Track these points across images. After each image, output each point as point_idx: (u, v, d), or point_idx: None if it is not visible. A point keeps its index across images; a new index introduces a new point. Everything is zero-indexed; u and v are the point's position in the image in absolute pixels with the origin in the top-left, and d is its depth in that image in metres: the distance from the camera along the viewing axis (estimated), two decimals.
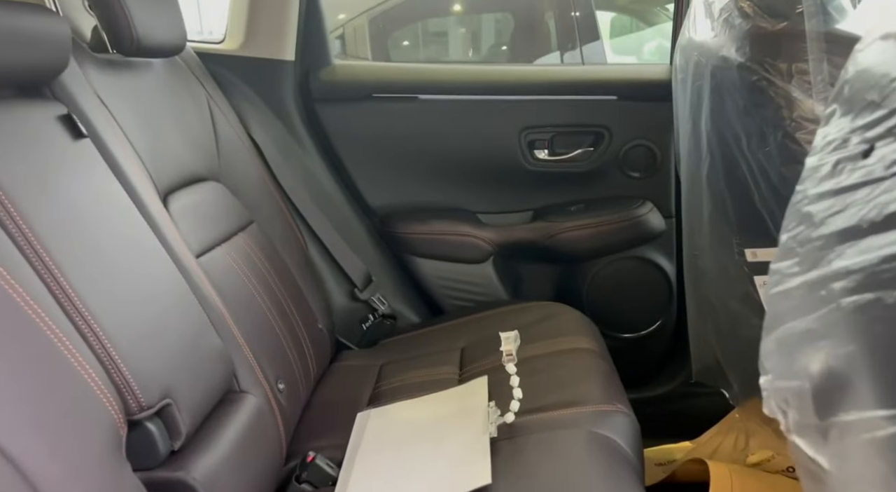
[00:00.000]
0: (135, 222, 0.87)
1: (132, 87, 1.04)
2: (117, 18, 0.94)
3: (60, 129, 0.81)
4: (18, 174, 0.71)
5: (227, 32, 1.42)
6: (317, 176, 1.47)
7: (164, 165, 1.05)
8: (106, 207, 0.83)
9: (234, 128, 1.30)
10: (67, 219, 0.75)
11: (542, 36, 3.32)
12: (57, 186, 0.76)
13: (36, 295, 0.63)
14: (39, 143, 0.78)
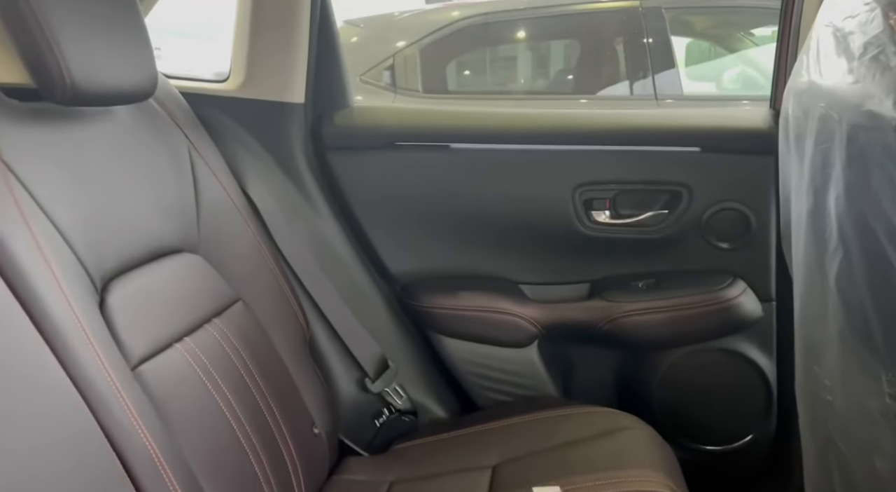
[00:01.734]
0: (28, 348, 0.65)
1: (73, 141, 0.83)
2: (43, 58, 0.74)
3: None
4: None
5: (230, 71, 1.22)
6: (325, 237, 1.23)
7: (111, 244, 0.83)
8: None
9: (222, 183, 1.08)
10: None
11: (610, 64, 3.03)
12: None
13: None
14: None
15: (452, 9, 3.01)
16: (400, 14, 3.02)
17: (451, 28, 2.89)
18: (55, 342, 0.68)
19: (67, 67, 0.75)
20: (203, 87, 1.20)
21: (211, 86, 1.21)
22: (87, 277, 0.78)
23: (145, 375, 0.79)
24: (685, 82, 2.99)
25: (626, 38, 2.88)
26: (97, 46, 0.80)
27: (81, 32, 0.77)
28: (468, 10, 2.94)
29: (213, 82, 1.24)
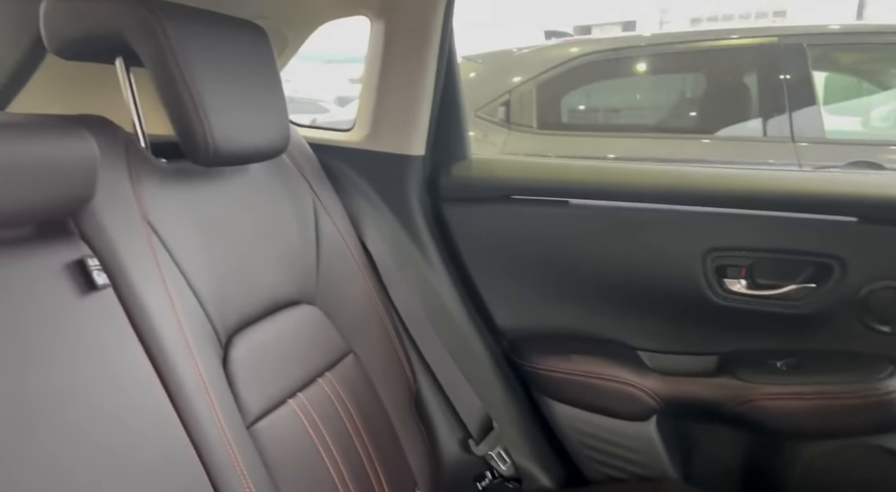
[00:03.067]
0: (151, 403, 0.67)
1: (211, 197, 0.87)
2: (190, 123, 0.77)
3: (71, 278, 0.64)
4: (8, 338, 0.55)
5: (355, 122, 1.24)
6: (435, 289, 1.21)
7: (238, 298, 0.85)
8: (111, 380, 0.64)
9: (342, 234, 1.10)
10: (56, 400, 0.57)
11: (740, 101, 2.84)
12: (49, 354, 0.58)
13: None
14: (42, 296, 0.60)
15: (572, 44, 2.96)
16: (518, 50, 3.00)
17: (570, 64, 2.84)
18: (178, 399, 0.70)
19: (211, 131, 0.78)
20: (328, 138, 1.23)
21: (336, 136, 1.24)
22: (213, 333, 0.80)
23: (259, 432, 0.80)
24: (827, 121, 2.73)
25: (761, 74, 2.69)
26: (238, 109, 0.83)
27: (225, 97, 0.80)
28: (588, 46, 2.87)
29: (338, 131, 1.27)
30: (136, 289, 0.70)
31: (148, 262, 0.73)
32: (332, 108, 6.78)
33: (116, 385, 0.64)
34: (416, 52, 1.09)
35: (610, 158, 2.83)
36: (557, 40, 3.14)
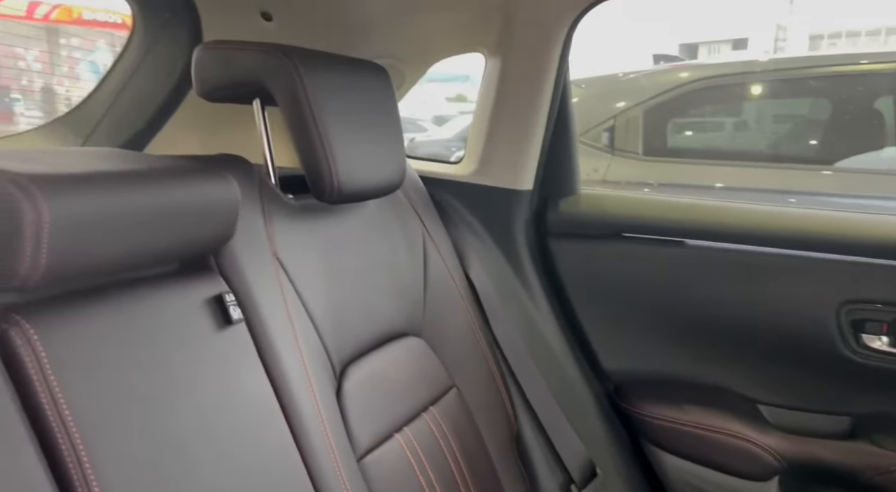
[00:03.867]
0: (274, 434, 0.69)
1: (331, 232, 0.90)
2: (318, 164, 0.81)
3: (210, 312, 0.68)
4: (157, 370, 0.59)
5: (465, 155, 1.26)
6: (539, 325, 1.19)
7: (351, 329, 0.88)
8: (243, 411, 0.67)
9: (448, 267, 1.10)
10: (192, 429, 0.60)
11: (870, 128, 2.62)
12: (192, 385, 0.62)
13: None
14: (184, 330, 0.65)
15: (682, 69, 2.86)
16: (624, 75, 2.94)
17: (680, 90, 2.74)
18: (298, 430, 0.72)
19: (336, 171, 0.81)
20: (438, 171, 1.25)
21: (445, 169, 1.26)
22: (329, 365, 0.82)
23: (368, 466, 0.81)
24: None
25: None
26: (361, 148, 0.86)
27: (350, 137, 0.84)
28: (700, 72, 2.76)
29: (447, 164, 1.29)
30: (266, 322, 0.73)
31: (276, 296, 0.76)
32: (430, 127, 6.91)
33: (247, 416, 0.67)
34: (531, 87, 1.09)
35: (719, 187, 2.69)
36: (667, 65, 3.05)
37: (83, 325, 0.56)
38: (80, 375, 0.54)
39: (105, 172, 0.56)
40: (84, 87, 4.50)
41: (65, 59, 11.81)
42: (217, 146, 1.23)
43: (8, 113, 9.80)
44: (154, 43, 1.12)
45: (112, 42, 12.06)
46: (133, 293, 0.62)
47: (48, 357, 0.52)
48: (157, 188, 0.60)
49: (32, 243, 0.48)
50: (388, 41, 1.13)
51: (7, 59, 9.86)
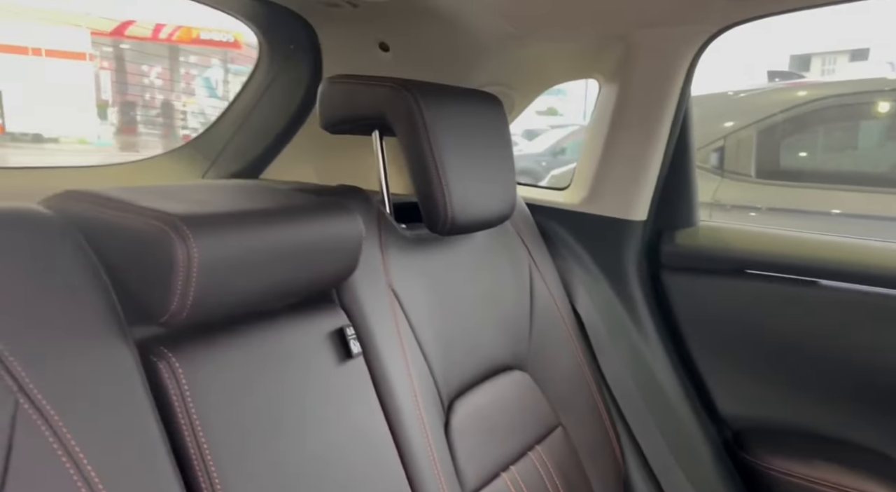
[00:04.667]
0: (388, 468, 0.69)
1: (441, 264, 0.90)
2: (433, 196, 0.81)
3: (332, 346, 0.69)
4: (284, 402, 0.61)
5: (572, 181, 1.22)
6: (649, 363, 1.13)
7: (459, 362, 0.87)
8: (359, 445, 0.67)
9: (555, 298, 1.08)
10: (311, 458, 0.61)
11: None
12: (315, 418, 0.64)
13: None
14: (309, 363, 0.66)
15: (799, 88, 2.68)
16: (735, 93, 2.79)
17: (797, 110, 2.57)
18: (409, 465, 0.72)
19: (451, 203, 0.81)
20: (544, 198, 1.23)
21: (551, 196, 1.23)
22: (438, 398, 0.82)
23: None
24: None
25: None
26: (475, 180, 0.85)
27: (464, 169, 0.83)
28: (821, 90, 2.57)
29: (554, 190, 1.26)
30: (382, 356, 0.74)
31: (391, 329, 0.77)
32: (520, 142, 6.87)
33: (362, 450, 0.67)
34: (650, 115, 1.05)
35: (835, 213, 2.49)
36: (782, 83, 2.87)
37: (219, 356, 0.58)
38: (215, 403, 0.56)
39: (247, 211, 0.59)
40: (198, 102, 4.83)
41: (182, 76, 12.76)
42: (329, 173, 1.27)
43: (132, 125, 10.75)
44: (278, 74, 1.17)
45: (224, 58, 12.82)
46: (263, 326, 0.64)
47: (189, 387, 0.55)
48: (293, 226, 0.62)
49: (183, 281, 0.51)
50: (500, 69, 1.12)
51: (134, 76, 10.80)
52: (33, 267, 0.48)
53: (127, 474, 0.47)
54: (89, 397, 0.47)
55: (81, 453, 0.45)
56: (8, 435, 0.43)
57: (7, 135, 10.14)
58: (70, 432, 0.45)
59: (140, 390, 0.51)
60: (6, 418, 0.43)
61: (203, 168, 1.26)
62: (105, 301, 0.51)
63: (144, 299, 0.53)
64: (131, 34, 13.64)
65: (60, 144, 10.83)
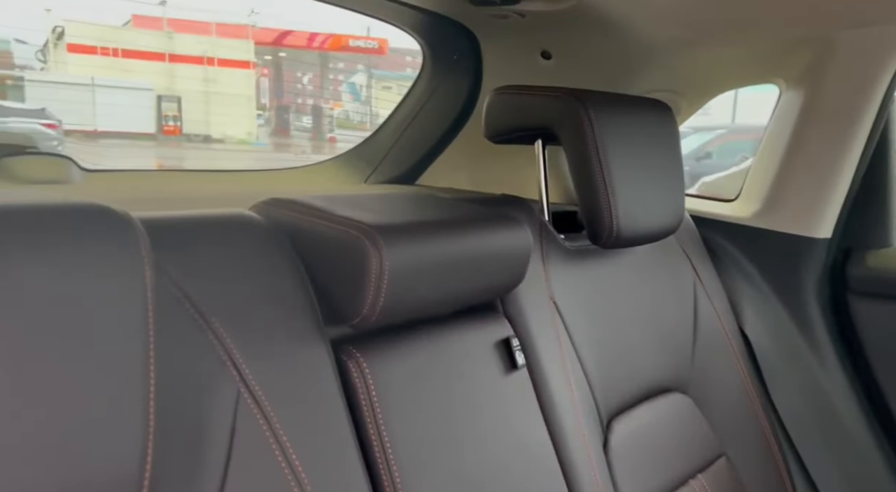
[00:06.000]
0: (550, 487, 0.69)
1: (601, 277, 0.88)
2: (598, 207, 0.79)
3: (498, 356, 0.70)
4: (456, 408, 0.63)
5: (741, 192, 1.14)
6: (828, 393, 1.02)
7: (618, 380, 0.85)
8: (522, 458, 0.68)
9: (721, 318, 1.01)
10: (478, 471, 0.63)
11: None
12: (483, 426, 0.65)
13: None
14: (476, 371, 0.67)
15: None
16: None
17: None
18: (571, 481, 0.71)
19: (617, 215, 0.79)
20: (709, 210, 1.15)
21: (718, 208, 1.16)
22: (597, 416, 0.80)
23: None
24: None
25: None
26: (642, 191, 0.82)
27: (632, 179, 0.81)
28: None
29: (720, 202, 1.19)
30: (544, 368, 0.73)
31: (553, 342, 0.76)
32: None
33: (525, 463, 0.68)
34: (843, 123, 0.95)
35: None
36: None
37: (399, 359, 0.61)
38: (396, 404, 0.59)
39: (429, 221, 0.61)
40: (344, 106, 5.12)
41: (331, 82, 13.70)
42: (482, 180, 1.29)
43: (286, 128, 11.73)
44: (440, 83, 1.21)
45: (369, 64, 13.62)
46: (434, 332, 0.66)
47: (374, 385, 0.58)
48: (469, 236, 0.63)
49: (374, 287, 0.54)
50: (667, 75, 1.07)
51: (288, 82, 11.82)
52: (251, 268, 0.54)
53: (324, 467, 0.51)
54: (296, 392, 0.52)
55: (288, 442, 0.50)
56: (231, 420, 0.48)
57: (184, 136, 11.43)
58: (279, 423, 0.50)
59: (335, 388, 0.55)
60: (230, 405, 0.48)
61: (365, 174, 1.33)
62: (307, 303, 0.56)
63: (338, 302, 0.57)
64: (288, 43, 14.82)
65: (225, 144, 12.02)
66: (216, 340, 0.49)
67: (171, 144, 10.91)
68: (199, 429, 0.46)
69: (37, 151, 0.90)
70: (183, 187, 1.08)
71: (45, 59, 11.67)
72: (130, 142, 10.10)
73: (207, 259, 0.52)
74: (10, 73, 10.94)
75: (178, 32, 12.28)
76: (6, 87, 10.22)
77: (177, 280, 0.49)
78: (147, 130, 10.75)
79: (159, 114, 11.02)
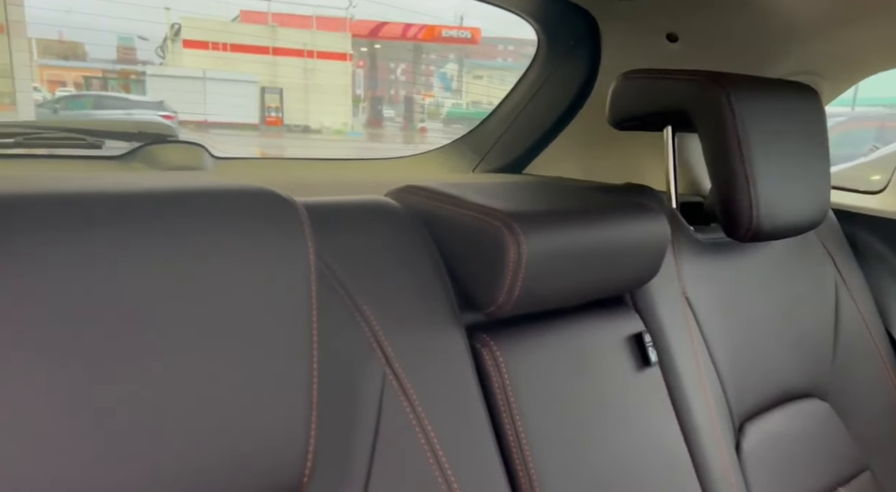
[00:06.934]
0: (684, 485, 0.66)
1: (734, 273, 0.83)
2: (737, 198, 0.74)
3: (629, 351, 0.67)
4: (588, 402, 0.61)
5: (889, 184, 1.04)
6: None
7: (752, 382, 0.80)
8: (653, 457, 0.65)
9: (866, 321, 0.93)
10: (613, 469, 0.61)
11: None
12: (614, 422, 0.63)
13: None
14: (607, 366, 0.65)
15: None
16: None
17: None
18: (705, 482, 0.68)
19: (757, 207, 0.73)
20: (852, 203, 1.06)
21: (861, 201, 1.06)
22: (729, 418, 0.76)
23: None
24: None
25: None
26: (785, 182, 0.76)
27: (775, 170, 0.75)
28: None
29: (863, 194, 1.08)
30: (677, 366, 0.70)
31: (686, 339, 0.73)
32: None
33: (657, 462, 0.65)
34: None
35: None
36: None
37: (531, 349, 0.60)
38: (529, 395, 0.58)
39: (566, 210, 0.60)
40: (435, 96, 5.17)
41: (423, 72, 13.88)
42: (595, 169, 1.24)
43: (379, 118, 12.03)
44: (554, 70, 1.18)
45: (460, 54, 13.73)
46: (564, 323, 0.64)
47: (509, 374, 0.57)
48: (605, 226, 0.61)
49: (511, 276, 0.53)
50: (810, 56, 0.98)
51: (382, 73, 12.09)
52: (392, 253, 0.54)
53: (464, 455, 0.51)
54: (436, 376, 0.52)
55: (430, 425, 0.50)
56: (378, 401, 0.49)
57: (285, 127, 11.95)
58: (421, 405, 0.50)
59: (471, 374, 0.55)
60: (377, 386, 0.49)
61: (473, 163, 1.33)
62: (444, 289, 0.56)
63: (473, 289, 0.56)
64: (383, 35, 15.11)
65: (322, 134, 12.46)
66: (364, 322, 0.50)
67: (272, 134, 11.44)
68: (348, 409, 0.47)
69: (175, 140, 0.96)
70: (299, 175, 1.12)
71: (164, 54, 12.56)
72: (236, 132, 10.70)
73: (351, 243, 0.53)
74: (134, 68, 11.88)
75: (282, 26, 12.82)
76: (130, 81, 11.10)
77: (328, 262, 0.50)
78: (251, 121, 11.34)
79: (262, 105, 11.58)
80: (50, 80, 11.14)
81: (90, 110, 7.32)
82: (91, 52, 13.25)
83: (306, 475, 0.38)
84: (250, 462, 0.36)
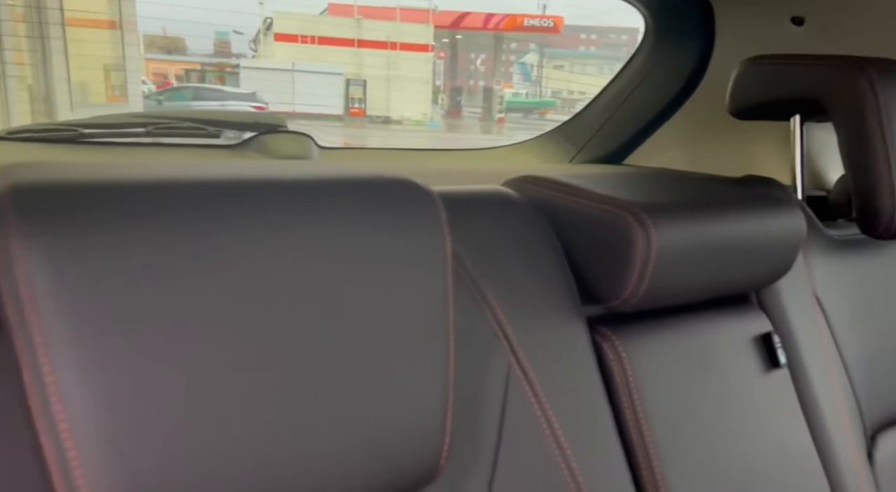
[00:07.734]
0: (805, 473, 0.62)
1: (870, 273, 0.77)
2: (877, 193, 0.69)
3: (756, 352, 0.63)
4: (713, 402, 0.59)
5: None
6: None
7: (883, 389, 0.74)
8: (783, 463, 0.61)
9: None
10: None
11: None
12: (740, 425, 0.60)
13: None
14: (733, 366, 0.62)
15: None
16: None
17: None
18: (836, 485, 0.64)
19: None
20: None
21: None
22: (861, 427, 0.71)
23: None
24: None
25: None
26: None
27: None
28: None
29: None
30: (807, 369, 0.66)
31: (815, 341, 0.68)
32: None
33: (786, 469, 0.61)
34: None
35: None
36: None
37: (654, 346, 0.58)
38: (652, 392, 0.56)
39: (696, 201, 0.57)
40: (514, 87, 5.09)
41: (502, 62, 13.74)
42: (703, 161, 1.19)
43: (458, 109, 12.04)
44: (660, 58, 1.13)
45: (541, 43, 13.50)
46: (688, 321, 0.62)
47: (632, 371, 0.56)
48: (737, 220, 0.58)
49: (640, 269, 0.51)
50: None
51: (462, 64, 12.06)
52: (514, 242, 0.54)
53: (588, 449, 0.50)
54: (559, 368, 0.51)
55: (554, 416, 0.49)
56: (503, 391, 0.48)
57: (367, 118, 12.21)
58: (545, 397, 0.49)
59: (593, 368, 0.53)
60: (503, 375, 0.49)
61: (570, 153, 1.30)
62: (566, 280, 0.55)
63: (596, 282, 0.55)
64: (465, 25, 15.11)
65: (402, 125, 12.63)
66: (489, 311, 0.50)
67: (355, 125, 11.71)
68: (476, 397, 0.47)
69: (286, 130, 0.99)
70: (399, 165, 1.13)
71: (256, 47, 13.11)
72: (320, 123, 11.03)
73: (476, 231, 0.52)
74: (228, 61, 12.49)
75: (367, 19, 13.07)
76: (225, 74, 11.67)
77: (456, 251, 0.50)
78: (336, 112, 11.66)
79: (347, 96, 11.87)
80: (154, 73, 11.92)
81: (189, 102, 7.76)
82: (190, 46, 14.04)
83: (443, 459, 0.38)
84: (390, 450, 0.36)
